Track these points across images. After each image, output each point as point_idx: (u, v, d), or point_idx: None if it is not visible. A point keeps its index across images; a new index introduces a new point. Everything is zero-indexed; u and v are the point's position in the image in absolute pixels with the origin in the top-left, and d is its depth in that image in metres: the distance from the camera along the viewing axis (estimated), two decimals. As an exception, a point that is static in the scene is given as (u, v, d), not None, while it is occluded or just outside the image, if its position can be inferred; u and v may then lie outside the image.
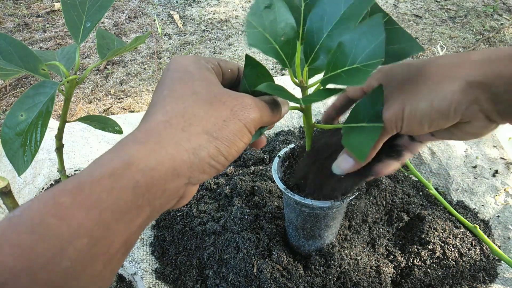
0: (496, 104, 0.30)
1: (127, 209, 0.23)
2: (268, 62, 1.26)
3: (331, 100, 0.47)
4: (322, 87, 0.36)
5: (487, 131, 0.32)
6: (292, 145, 0.55)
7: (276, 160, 0.52)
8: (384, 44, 0.30)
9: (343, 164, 0.38)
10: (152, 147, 0.25)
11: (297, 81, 0.39)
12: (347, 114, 0.40)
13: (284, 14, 0.36)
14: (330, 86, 0.35)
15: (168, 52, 1.25)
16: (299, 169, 0.49)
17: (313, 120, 0.45)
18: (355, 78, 0.31)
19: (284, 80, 1.00)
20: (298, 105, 0.42)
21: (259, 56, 1.24)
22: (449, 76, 0.30)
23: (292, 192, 0.48)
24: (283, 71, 1.20)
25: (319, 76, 0.38)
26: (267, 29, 0.35)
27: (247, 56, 0.35)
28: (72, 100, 0.80)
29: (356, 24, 0.33)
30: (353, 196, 0.48)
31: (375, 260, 0.62)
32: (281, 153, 0.53)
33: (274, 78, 0.44)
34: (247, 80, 0.36)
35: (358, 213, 0.67)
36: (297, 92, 0.38)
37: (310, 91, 0.40)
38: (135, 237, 0.25)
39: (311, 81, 0.40)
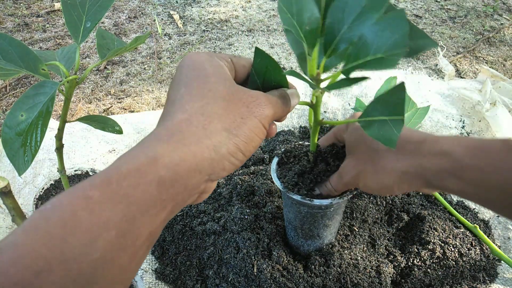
0: (428, 185, 0.38)
1: (152, 203, 0.24)
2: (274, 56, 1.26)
3: (332, 104, 0.47)
4: (344, 76, 0.37)
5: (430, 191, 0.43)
6: (290, 145, 0.55)
7: (275, 159, 0.52)
8: (407, 35, 0.32)
9: (321, 189, 0.48)
10: (175, 145, 0.26)
11: (313, 73, 0.40)
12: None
13: (310, 4, 0.38)
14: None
15: (168, 52, 1.25)
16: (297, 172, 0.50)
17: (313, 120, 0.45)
18: (381, 65, 0.33)
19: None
20: (309, 101, 0.43)
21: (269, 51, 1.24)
22: (389, 166, 0.40)
23: (290, 191, 0.48)
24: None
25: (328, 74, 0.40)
26: (295, 17, 0.37)
27: (256, 48, 0.36)
28: (72, 100, 0.80)
29: (377, 16, 0.35)
30: (351, 195, 0.48)
31: (375, 260, 0.62)
32: (280, 152, 0.53)
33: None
34: (256, 72, 0.37)
35: (358, 213, 0.67)
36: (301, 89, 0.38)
37: (324, 84, 0.41)
38: (159, 231, 0.26)
39: (324, 76, 0.41)
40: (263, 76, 0.37)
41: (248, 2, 1.58)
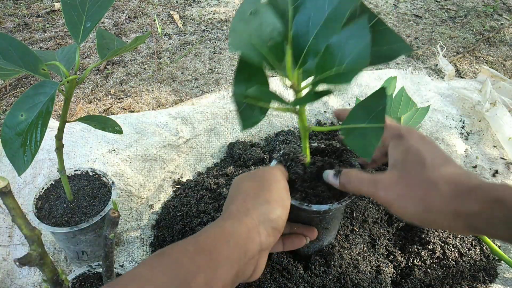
0: (473, 230, 0.35)
1: (225, 261, 0.33)
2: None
3: (332, 103, 0.47)
4: (312, 90, 0.36)
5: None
6: (289, 147, 0.54)
7: (273, 163, 0.52)
8: (369, 46, 0.31)
9: (329, 178, 0.47)
10: (233, 220, 0.37)
11: (288, 84, 0.39)
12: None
13: (270, 19, 0.37)
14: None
15: (168, 52, 1.25)
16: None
17: (313, 120, 0.45)
18: (342, 79, 0.33)
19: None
20: (293, 109, 0.43)
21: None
22: (442, 207, 0.36)
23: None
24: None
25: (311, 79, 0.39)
26: (253, 35, 0.36)
27: (240, 57, 0.35)
28: (72, 100, 0.80)
29: (340, 25, 0.34)
30: (349, 200, 0.47)
31: (375, 260, 0.62)
32: (278, 155, 0.53)
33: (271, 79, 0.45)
34: (239, 73, 0.37)
35: (358, 213, 0.67)
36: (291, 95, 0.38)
37: (303, 93, 0.41)
38: (233, 282, 0.34)
39: (304, 84, 0.40)
40: (247, 79, 0.37)
41: (248, 2, 1.58)
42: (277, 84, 0.98)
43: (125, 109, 1.03)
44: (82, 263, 0.63)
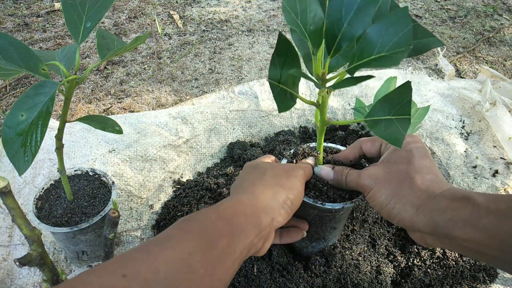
0: (434, 230, 0.38)
1: (243, 229, 0.37)
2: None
3: (337, 104, 0.47)
4: (349, 75, 0.37)
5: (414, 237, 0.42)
6: (301, 146, 0.54)
7: (284, 161, 0.52)
8: (411, 32, 0.32)
9: (322, 171, 0.50)
10: (249, 194, 0.41)
11: (319, 73, 0.40)
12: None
13: (313, 4, 0.38)
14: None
15: (168, 52, 1.25)
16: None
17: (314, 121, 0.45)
18: (385, 62, 0.33)
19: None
20: (315, 101, 0.43)
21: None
22: (409, 197, 0.40)
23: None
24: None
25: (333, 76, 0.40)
26: (299, 16, 0.38)
27: (280, 34, 0.38)
28: (72, 100, 0.80)
29: (373, 12, 0.35)
30: (362, 200, 0.47)
31: (375, 260, 0.62)
32: (289, 153, 0.53)
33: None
34: (278, 56, 0.38)
35: (358, 213, 0.67)
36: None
37: (329, 84, 0.41)
38: (244, 254, 0.37)
39: (331, 75, 0.41)
40: (283, 61, 0.38)
41: (248, 2, 1.58)
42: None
43: (125, 109, 1.03)
44: (82, 263, 0.63)
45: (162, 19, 1.43)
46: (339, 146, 0.55)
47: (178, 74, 1.16)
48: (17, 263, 0.37)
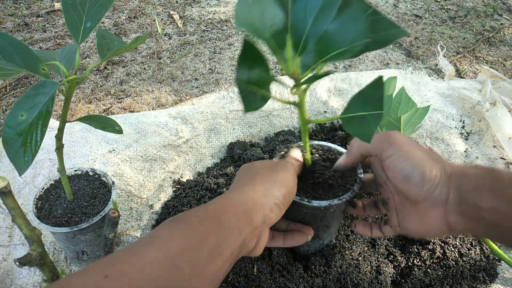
0: (461, 203, 0.38)
1: (233, 228, 0.36)
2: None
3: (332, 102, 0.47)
4: (317, 72, 0.39)
5: (437, 233, 0.42)
6: (291, 145, 0.55)
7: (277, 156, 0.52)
8: (367, 26, 0.34)
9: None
10: (240, 192, 0.40)
11: (289, 72, 0.40)
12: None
13: (272, 6, 0.39)
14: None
15: (168, 52, 1.25)
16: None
17: (308, 116, 0.46)
18: (344, 55, 0.35)
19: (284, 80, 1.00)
20: (293, 101, 0.43)
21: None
22: (432, 161, 0.41)
23: None
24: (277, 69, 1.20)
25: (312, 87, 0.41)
26: (256, 19, 0.38)
27: (245, 37, 0.36)
28: (72, 100, 0.80)
29: (334, 11, 0.37)
30: (349, 198, 0.47)
31: (375, 260, 0.62)
32: (280, 154, 0.53)
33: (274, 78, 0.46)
34: (243, 63, 0.37)
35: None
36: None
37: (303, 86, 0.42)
38: (235, 255, 0.36)
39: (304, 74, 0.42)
40: (250, 63, 0.38)
41: (248, 2, 1.58)
42: (275, 86, 0.98)
43: (125, 109, 1.03)
44: (82, 263, 0.63)
45: (162, 19, 1.43)
46: (327, 144, 0.55)
47: (178, 74, 1.16)
48: (17, 263, 0.37)
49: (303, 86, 0.41)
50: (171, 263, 0.30)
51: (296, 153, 0.51)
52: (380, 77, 0.37)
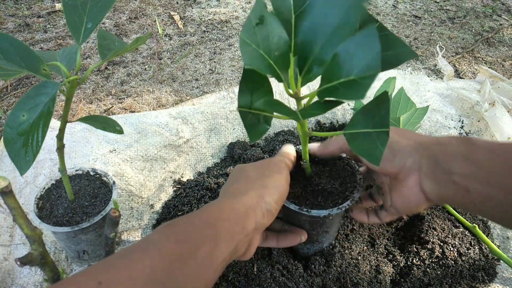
0: (435, 170, 0.39)
1: (226, 234, 0.36)
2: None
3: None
4: (319, 100, 0.35)
5: (416, 204, 0.42)
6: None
7: None
8: (380, 56, 0.30)
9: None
10: (233, 199, 0.40)
11: (291, 92, 0.39)
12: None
13: (276, 28, 0.36)
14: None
15: (168, 53, 1.26)
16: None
17: (313, 120, 0.45)
18: (353, 91, 0.32)
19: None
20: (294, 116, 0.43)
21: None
22: (406, 141, 0.42)
23: (288, 202, 0.48)
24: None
25: (311, 84, 0.39)
26: (261, 46, 0.35)
27: (245, 67, 0.35)
28: (73, 100, 0.80)
29: (349, 34, 0.33)
30: (350, 205, 0.47)
31: (374, 259, 0.62)
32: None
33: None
34: (245, 82, 0.36)
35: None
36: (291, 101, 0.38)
37: (305, 101, 0.40)
38: (227, 261, 0.36)
39: (303, 89, 0.40)
40: (252, 87, 0.37)
41: (248, 3, 1.58)
42: (276, 87, 0.98)
43: (125, 109, 1.03)
44: (83, 263, 0.63)
45: (162, 19, 1.43)
46: None
47: (179, 75, 1.17)
48: (18, 263, 0.37)
49: (304, 102, 0.40)
50: (165, 272, 0.30)
51: (289, 149, 0.51)
52: (385, 93, 0.35)
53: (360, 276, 0.59)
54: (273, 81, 0.40)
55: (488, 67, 1.15)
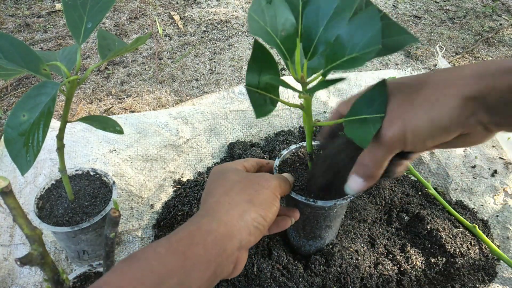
0: (492, 115, 0.31)
1: (200, 261, 0.32)
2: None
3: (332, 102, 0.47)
4: (323, 78, 0.37)
5: (486, 139, 0.35)
6: (292, 147, 0.55)
7: (276, 161, 0.52)
8: (380, 32, 0.32)
9: (353, 185, 0.40)
10: (211, 218, 0.36)
11: (297, 77, 0.40)
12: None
13: (283, 10, 0.38)
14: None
15: (168, 53, 1.26)
16: (310, 174, 0.49)
17: (313, 120, 0.45)
18: (355, 64, 0.33)
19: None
20: (299, 104, 0.43)
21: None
22: (446, 94, 0.32)
23: (294, 193, 0.48)
24: (283, 71, 1.20)
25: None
26: (268, 24, 0.37)
27: (255, 41, 0.36)
28: (73, 100, 0.80)
29: (349, 16, 0.35)
30: (354, 197, 0.48)
31: (375, 259, 0.62)
32: (281, 153, 0.54)
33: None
34: (254, 63, 0.37)
35: (357, 212, 0.67)
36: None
37: (310, 87, 0.41)
38: (210, 282, 0.33)
39: (311, 78, 0.41)
40: (260, 67, 0.38)
41: (248, 3, 1.58)
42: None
43: (125, 109, 1.03)
44: (83, 263, 0.63)
45: (162, 19, 1.44)
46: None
47: (179, 75, 1.17)
48: (18, 263, 0.37)
49: (309, 87, 0.41)
50: None
51: (289, 177, 0.47)
52: (384, 80, 0.36)
53: (360, 276, 0.59)
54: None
55: (488, 67, 1.15)
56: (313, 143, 0.48)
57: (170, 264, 0.31)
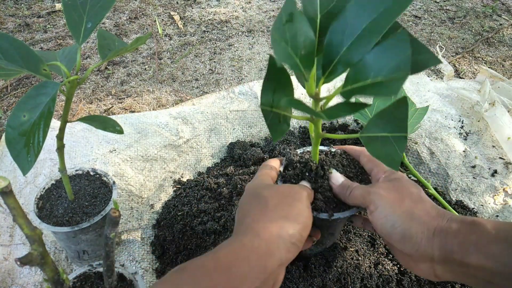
0: (447, 256, 0.37)
1: (246, 278, 0.33)
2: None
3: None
4: (345, 100, 0.35)
5: (427, 276, 0.40)
6: (290, 157, 0.54)
7: (281, 168, 0.52)
8: (410, 58, 0.30)
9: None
10: (252, 236, 0.37)
11: (312, 93, 0.39)
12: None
13: (304, 27, 0.37)
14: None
15: (168, 53, 1.26)
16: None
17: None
18: (380, 91, 0.31)
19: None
20: (309, 116, 0.43)
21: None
22: (420, 213, 0.40)
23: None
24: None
25: (327, 85, 0.38)
26: (289, 43, 0.36)
27: (271, 57, 0.35)
28: (73, 100, 0.80)
29: (377, 39, 0.33)
30: (357, 210, 0.47)
31: (375, 259, 0.62)
32: (282, 166, 0.53)
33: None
34: (268, 81, 0.36)
35: (358, 212, 0.67)
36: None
37: (322, 103, 0.40)
38: None
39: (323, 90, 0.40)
40: (274, 86, 0.37)
41: (248, 3, 1.58)
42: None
43: (125, 109, 1.03)
44: (83, 263, 0.63)
45: (162, 19, 1.44)
46: (328, 148, 0.55)
47: (179, 75, 1.17)
48: (18, 263, 0.37)
49: (321, 103, 0.40)
50: None
51: (307, 184, 0.48)
52: (405, 97, 0.35)
53: (360, 276, 0.59)
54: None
55: (488, 67, 1.15)
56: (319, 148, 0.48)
57: (217, 279, 0.32)
